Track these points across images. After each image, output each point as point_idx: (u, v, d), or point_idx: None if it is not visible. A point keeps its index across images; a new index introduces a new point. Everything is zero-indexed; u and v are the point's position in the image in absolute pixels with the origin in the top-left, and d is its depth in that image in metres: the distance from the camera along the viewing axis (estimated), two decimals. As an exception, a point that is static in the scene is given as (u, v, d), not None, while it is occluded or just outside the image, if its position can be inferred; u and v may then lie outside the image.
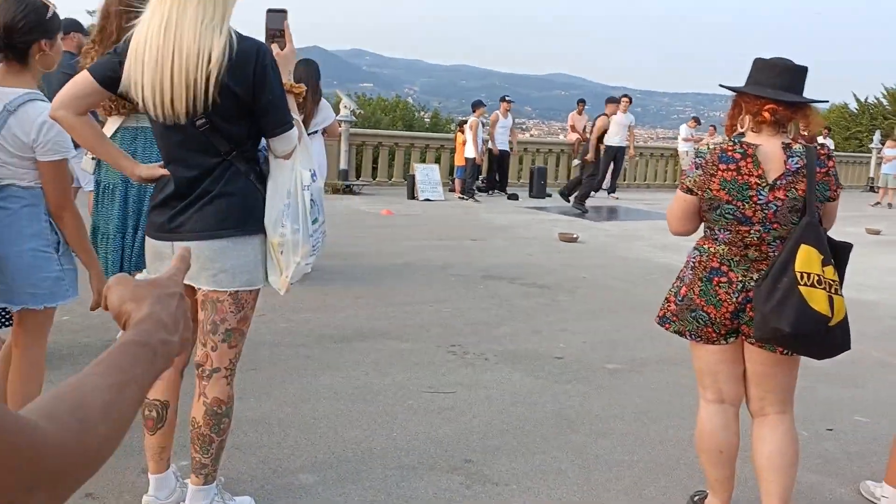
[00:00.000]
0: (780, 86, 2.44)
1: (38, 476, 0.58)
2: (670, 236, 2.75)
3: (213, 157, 2.27)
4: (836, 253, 2.42)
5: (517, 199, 13.47)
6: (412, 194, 12.68)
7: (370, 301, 5.68)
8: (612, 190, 14.96)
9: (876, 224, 12.01)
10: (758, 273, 2.44)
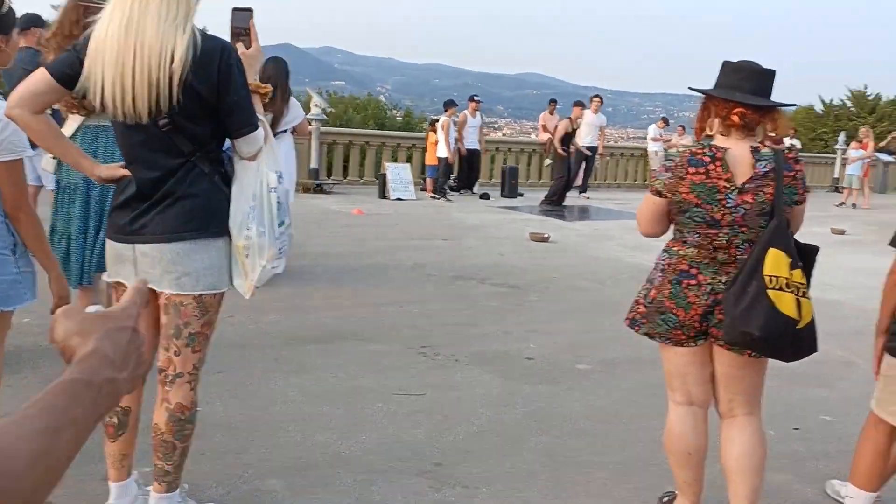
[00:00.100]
0: (749, 89, 2.45)
1: None
2: (641, 236, 2.76)
3: (177, 157, 2.22)
4: (804, 256, 2.43)
5: (489, 198, 13.49)
6: (383, 194, 12.63)
7: (340, 302, 5.63)
8: (583, 190, 15.05)
9: (841, 224, 12.21)
10: (727, 276, 2.45)
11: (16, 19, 2.58)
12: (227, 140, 2.30)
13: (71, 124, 3.35)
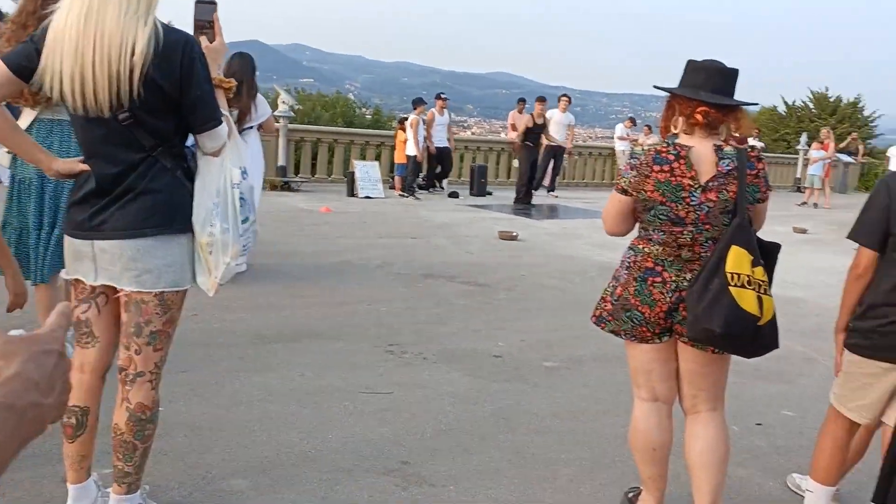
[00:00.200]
0: (713, 88, 2.47)
1: None
2: (608, 235, 2.77)
3: (138, 152, 2.17)
4: (766, 254, 2.47)
5: (458, 197, 13.49)
6: (352, 192, 12.56)
7: (307, 300, 5.58)
8: (551, 188, 15.13)
9: (802, 223, 12.44)
10: (691, 273, 2.47)
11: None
12: (191, 135, 2.26)
13: (25, 118, 3.28)
